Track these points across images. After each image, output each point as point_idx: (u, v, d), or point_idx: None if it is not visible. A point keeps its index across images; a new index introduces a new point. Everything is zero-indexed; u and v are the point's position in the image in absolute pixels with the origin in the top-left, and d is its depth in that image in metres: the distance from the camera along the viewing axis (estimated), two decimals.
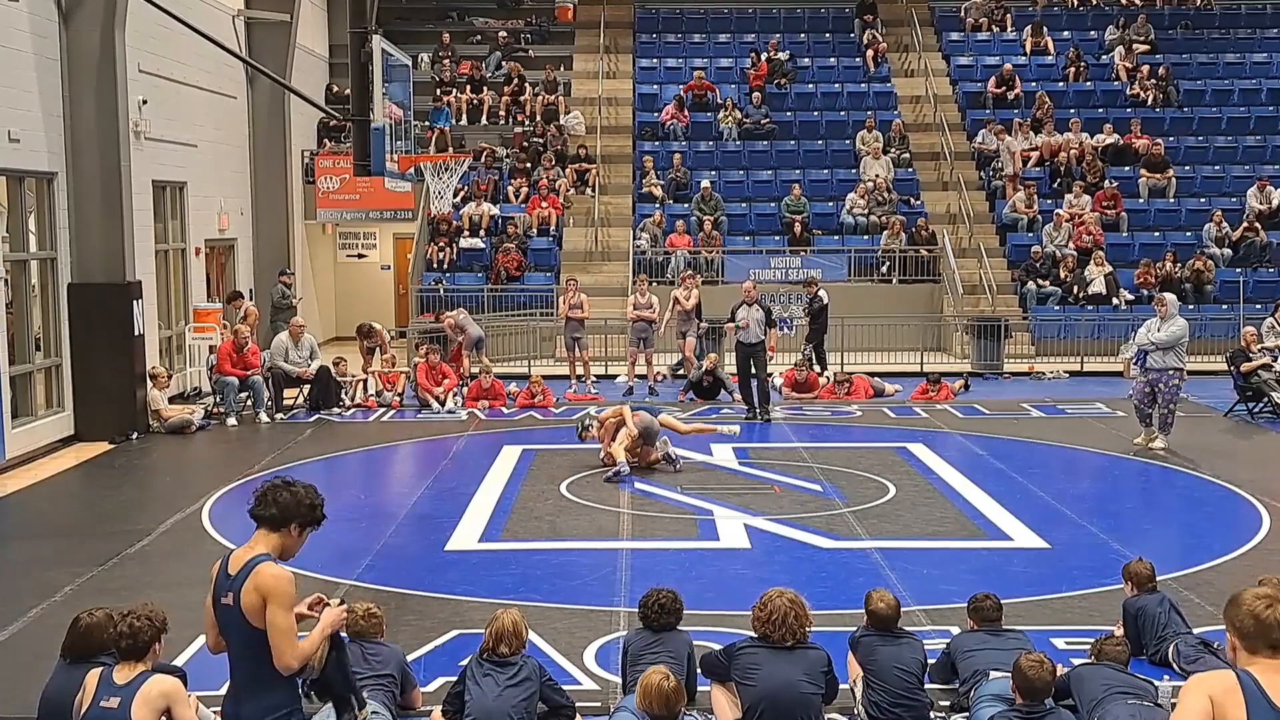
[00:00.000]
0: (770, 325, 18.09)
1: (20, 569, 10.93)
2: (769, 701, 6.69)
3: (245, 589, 5.22)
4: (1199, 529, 12.36)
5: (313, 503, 5.49)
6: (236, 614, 5.24)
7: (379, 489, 14.90)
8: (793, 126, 28.64)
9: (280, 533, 5.41)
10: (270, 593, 5.20)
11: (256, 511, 5.45)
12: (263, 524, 5.44)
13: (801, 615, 6.90)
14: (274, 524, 5.42)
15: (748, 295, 18.18)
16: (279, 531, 5.41)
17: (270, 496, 5.45)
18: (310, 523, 5.50)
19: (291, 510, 5.42)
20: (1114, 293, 23.89)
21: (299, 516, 5.43)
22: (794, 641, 6.83)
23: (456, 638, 8.77)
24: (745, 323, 17.92)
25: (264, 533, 5.42)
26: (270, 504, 5.43)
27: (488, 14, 32.46)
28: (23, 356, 15.97)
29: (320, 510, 5.52)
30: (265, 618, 5.20)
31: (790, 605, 6.89)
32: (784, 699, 6.68)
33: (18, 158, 15.57)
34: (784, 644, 6.81)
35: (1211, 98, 29.04)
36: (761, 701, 6.69)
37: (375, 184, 22.01)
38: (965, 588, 8.86)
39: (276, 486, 5.49)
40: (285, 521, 5.42)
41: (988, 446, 16.02)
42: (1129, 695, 6.94)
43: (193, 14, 18.65)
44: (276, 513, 5.41)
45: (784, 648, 6.81)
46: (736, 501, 12.89)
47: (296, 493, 5.46)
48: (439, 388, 19.00)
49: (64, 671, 6.72)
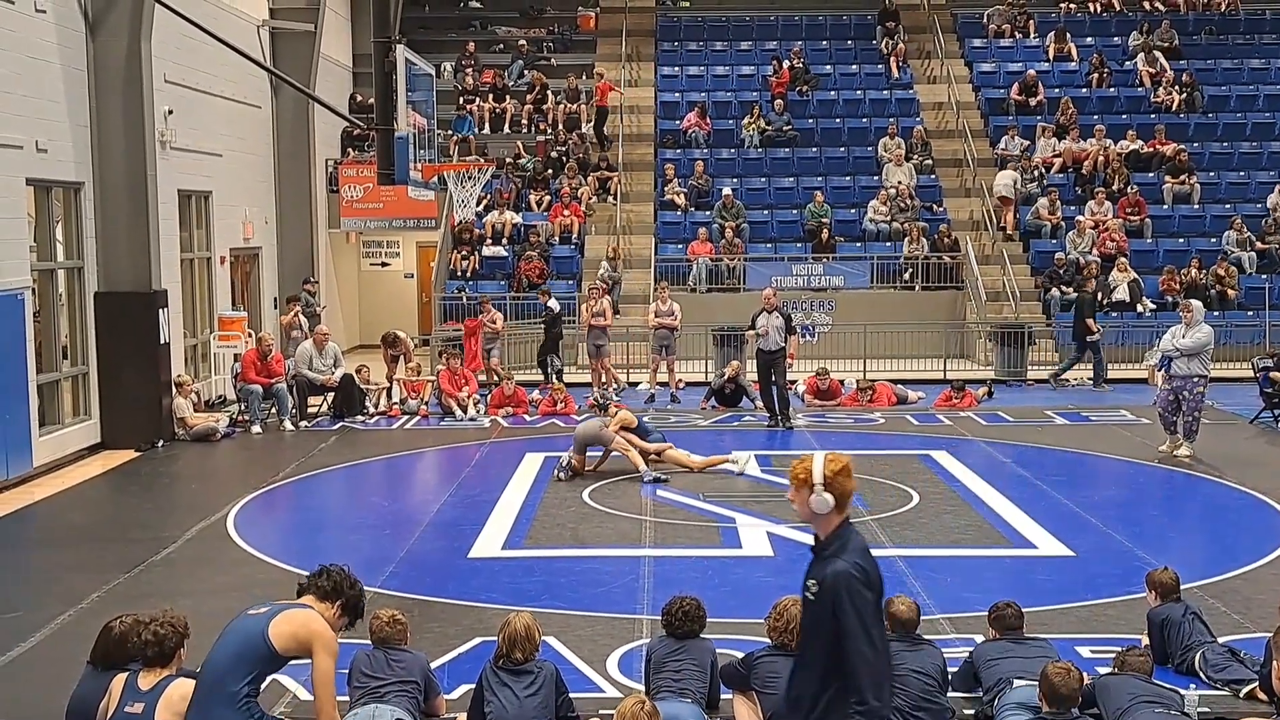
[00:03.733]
0: (790, 333, 18.08)
1: (47, 576, 11.00)
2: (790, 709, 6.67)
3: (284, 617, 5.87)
4: (1224, 537, 12.31)
5: (359, 592, 6.15)
6: None
7: (402, 496, 14.94)
8: (815, 133, 28.62)
9: (325, 604, 6.00)
10: (315, 637, 5.84)
11: (309, 581, 6.12)
12: (311, 593, 6.08)
13: None
14: (322, 595, 6.02)
15: (767, 303, 18.18)
16: (324, 603, 6.00)
17: (325, 571, 6.13)
18: (351, 609, 6.11)
19: (342, 589, 6.07)
20: (1138, 299, 23.80)
21: (344, 596, 6.06)
22: None
23: (480, 644, 8.77)
24: (765, 330, 17.93)
25: (312, 599, 6.05)
26: (324, 577, 6.10)
27: (510, 23, 32.54)
28: (50, 365, 16.09)
29: (361, 605, 6.19)
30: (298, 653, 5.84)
31: None
32: None
33: (45, 168, 15.68)
34: None
35: (1236, 103, 28.91)
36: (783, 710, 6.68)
37: (399, 193, 22.07)
38: (989, 596, 8.83)
39: (333, 568, 6.18)
40: (334, 596, 6.03)
41: (1011, 454, 15.98)
42: (1155, 704, 6.92)
43: (218, 24, 18.78)
44: (328, 585, 6.04)
45: None
46: (759, 509, 12.88)
47: (351, 578, 6.15)
48: (461, 392, 19.05)
49: (91, 678, 6.77)
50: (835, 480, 5.06)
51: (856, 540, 5.14)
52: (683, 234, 26.09)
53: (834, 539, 5.13)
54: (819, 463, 5.10)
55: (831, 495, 5.05)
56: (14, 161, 14.92)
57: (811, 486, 5.06)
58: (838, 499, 5.07)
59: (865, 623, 4.97)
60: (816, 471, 5.07)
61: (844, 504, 5.12)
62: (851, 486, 5.13)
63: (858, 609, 4.97)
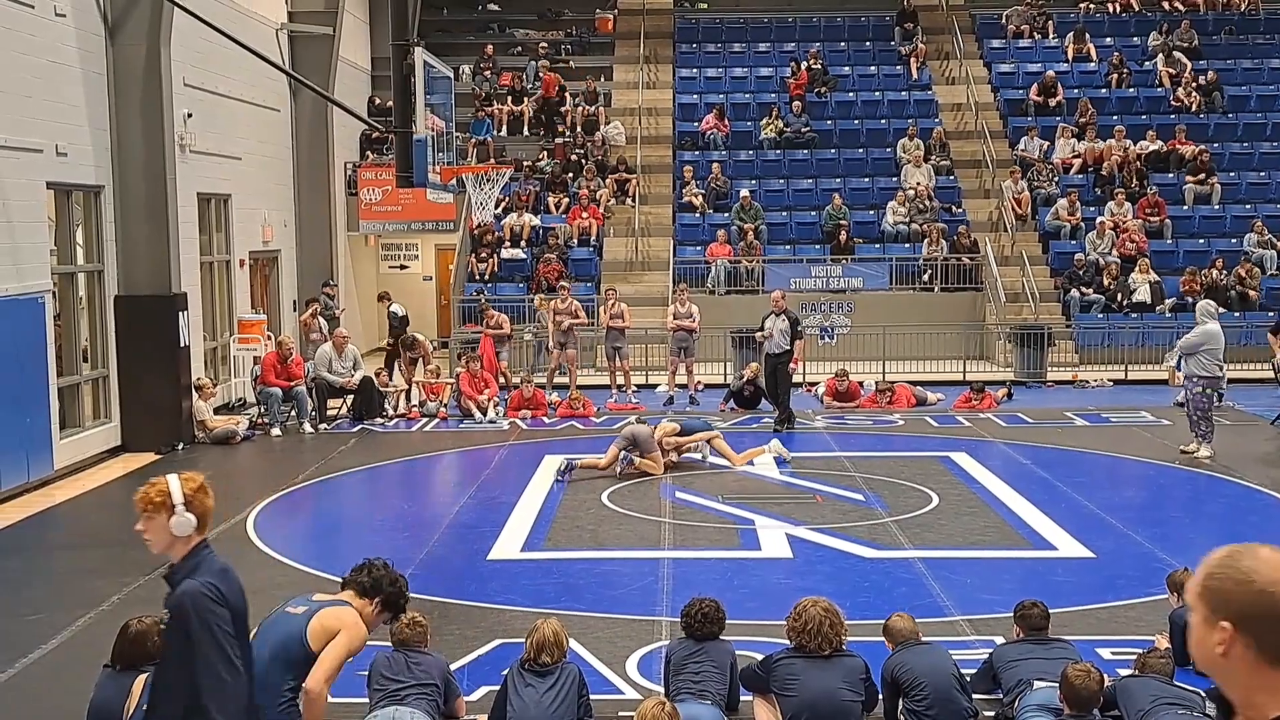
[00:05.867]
0: (796, 336, 17.95)
1: (68, 578, 11.05)
2: (810, 711, 6.67)
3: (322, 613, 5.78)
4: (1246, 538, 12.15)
5: (400, 588, 6.10)
6: None
7: (422, 499, 14.98)
8: (833, 135, 28.59)
9: (363, 601, 5.96)
10: (344, 626, 5.75)
11: (350, 576, 6.07)
12: (351, 588, 6.03)
13: (837, 623, 6.88)
14: (361, 591, 5.98)
15: (775, 305, 18.17)
16: (363, 599, 5.96)
17: (367, 566, 6.08)
18: (390, 604, 6.07)
19: (382, 585, 6.01)
20: (1158, 300, 23.71)
21: (382, 593, 6.01)
22: (831, 650, 6.81)
23: (499, 647, 8.79)
24: (770, 333, 17.95)
25: (351, 594, 6.00)
26: (365, 572, 6.04)
27: (528, 26, 32.59)
28: (71, 368, 16.15)
29: (401, 602, 6.14)
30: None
31: (825, 614, 6.87)
32: (824, 708, 6.67)
33: (65, 171, 15.76)
34: (821, 653, 6.79)
35: (1256, 103, 28.77)
36: (803, 712, 6.68)
37: (417, 195, 22.15)
38: (1009, 597, 8.80)
39: (376, 562, 6.12)
40: (373, 592, 5.99)
41: (1031, 455, 15.93)
42: (1177, 706, 6.89)
43: (237, 28, 18.84)
44: (368, 581, 5.99)
45: (821, 656, 6.79)
46: (778, 511, 12.87)
47: (392, 574, 6.10)
48: (481, 395, 19.07)
49: (111, 680, 6.80)
50: (195, 499, 4.90)
51: (213, 561, 4.95)
52: (701, 236, 26.08)
53: (189, 561, 4.92)
54: (175, 484, 4.89)
55: (194, 515, 4.87)
56: (34, 165, 14.99)
57: (172, 509, 4.84)
58: (199, 518, 4.90)
59: (219, 642, 4.82)
60: (176, 493, 4.87)
61: (205, 523, 4.94)
62: (210, 504, 4.96)
63: (210, 628, 4.81)
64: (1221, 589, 2.50)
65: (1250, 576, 2.47)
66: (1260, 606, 2.45)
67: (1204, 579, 2.54)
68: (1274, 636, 2.45)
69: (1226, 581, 2.50)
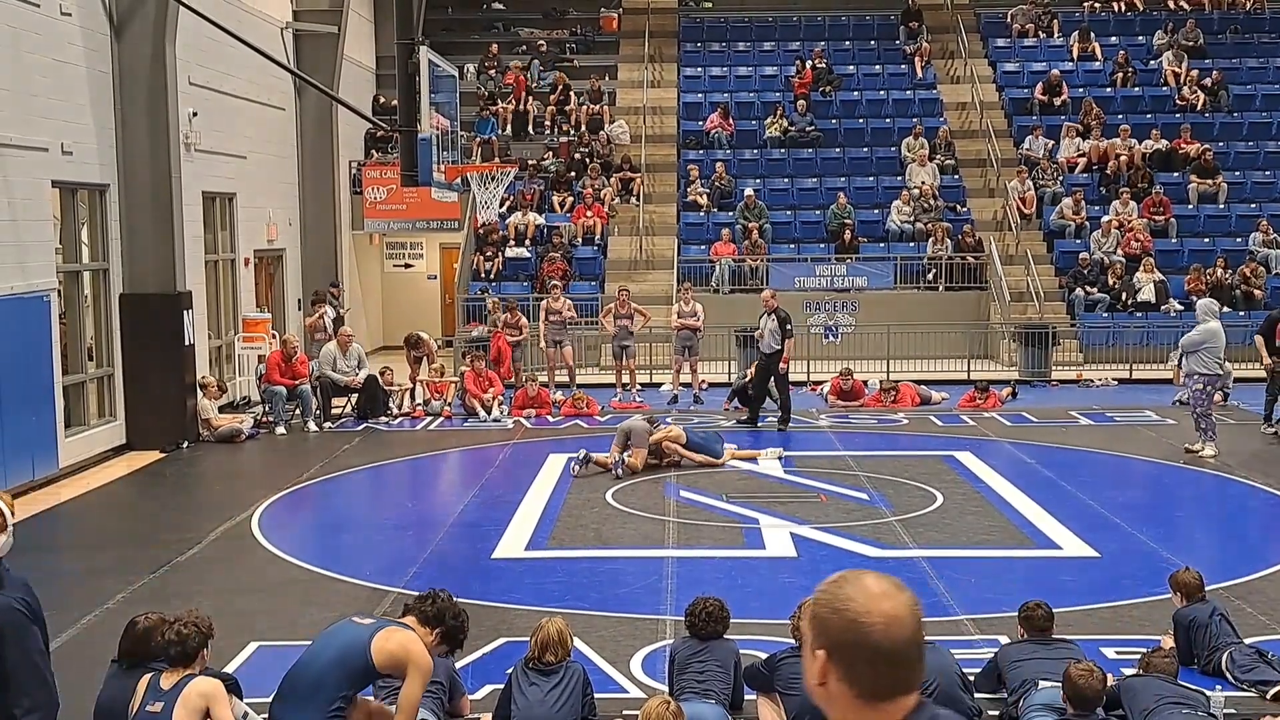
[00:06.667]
0: (786, 336, 17.82)
1: (73, 577, 11.05)
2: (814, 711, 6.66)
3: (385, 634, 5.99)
4: (1250, 538, 12.24)
5: (462, 623, 6.31)
6: None
7: (426, 497, 14.99)
8: (838, 134, 28.58)
9: (425, 629, 6.15)
10: (413, 661, 5.98)
11: (414, 604, 6.29)
12: (413, 615, 6.26)
13: None
14: (424, 619, 6.17)
15: (765, 304, 18.16)
16: (425, 628, 6.15)
17: (431, 596, 6.31)
18: (449, 637, 6.25)
19: (445, 616, 6.22)
20: (1163, 300, 23.69)
21: (444, 625, 6.22)
22: None
23: (504, 645, 8.80)
24: (760, 333, 17.95)
25: (414, 620, 6.21)
26: (429, 601, 6.26)
27: (533, 24, 32.59)
28: (76, 366, 16.18)
29: (461, 637, 6.35)
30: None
31: None
32: None
33: (71, 170, 15.77)
34: None
35: (1261, 102, 28.72)
36: (806, 711, 6.68)
37: (422, 194, 22.12)
38: (1013, 597, 8.81)
39: (441, 593, 6.34)
40: (435, 622, 6.18)
41: (1036, 454, 15.92)
42: (1182, 705, 6.89)
43: (242, 27, 18.86)
44: (431, 610, 6.18)
45: None
46: (782, 510, 12.87)
47: (456, 608, 6.30)
48: (486, 394, 19.08)
49: (117, 677, 6.81)
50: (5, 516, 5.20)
51: (14, 576, 5.17)
52: (705, 235, 26.08)
53: None
54: (3, 504, 5.21)
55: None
56: (39, 164, 15.00)
57: (5, 528, 5.14)
58: None
59: (32, 657, 5.07)
60: (7, 512, 5.19)
61: None
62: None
63: (24, 646, 5.03)
64: (819, 615, 2.41)
65: (846, 605, 2.37)
66: (851, 635, 2.35)
67: (811, 605, 2.45)
68: (865, 669, 2.33)
69: (824, 609, 2.40)
